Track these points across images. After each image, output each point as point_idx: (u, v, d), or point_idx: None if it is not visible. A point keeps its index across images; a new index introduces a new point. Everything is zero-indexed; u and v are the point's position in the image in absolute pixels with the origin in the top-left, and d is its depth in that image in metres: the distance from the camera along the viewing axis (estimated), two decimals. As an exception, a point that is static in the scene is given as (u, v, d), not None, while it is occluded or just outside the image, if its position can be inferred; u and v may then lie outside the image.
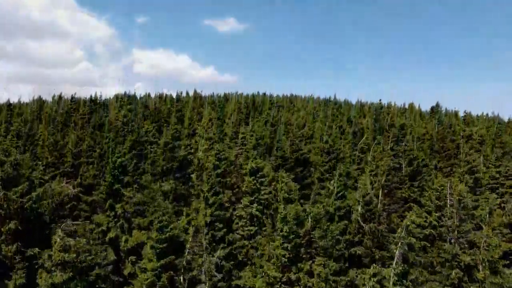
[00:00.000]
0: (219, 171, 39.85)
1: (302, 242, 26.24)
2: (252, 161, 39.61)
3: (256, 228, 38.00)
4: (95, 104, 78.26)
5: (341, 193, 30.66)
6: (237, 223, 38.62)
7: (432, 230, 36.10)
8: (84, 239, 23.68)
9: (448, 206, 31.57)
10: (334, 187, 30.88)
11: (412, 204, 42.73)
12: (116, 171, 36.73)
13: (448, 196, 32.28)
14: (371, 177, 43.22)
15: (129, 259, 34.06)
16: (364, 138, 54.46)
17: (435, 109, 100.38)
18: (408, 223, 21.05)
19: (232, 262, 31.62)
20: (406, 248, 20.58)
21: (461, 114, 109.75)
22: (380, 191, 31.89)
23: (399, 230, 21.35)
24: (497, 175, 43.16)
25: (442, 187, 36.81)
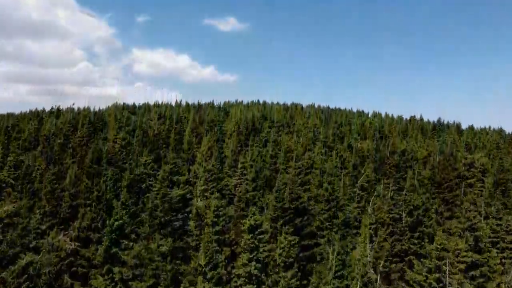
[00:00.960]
0: (217, 228, 39.54)
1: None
2: (251, 217, 39.23)
3: (255, 286, 37.98)
4: (93, 126, 77.52)
5: (339, 272, 30.39)
6: (236, 282, 38.56)
7: (431, 292, 36.10)
8: None
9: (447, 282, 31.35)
10: (332, 265, 30.58)
11: (412, 257, 42.57)
12: (114, 234, 36.48)
13: (447, 271, 32.06)
14: (371, 231, 42.96)
15: (127, 327, 34.19)
16: (363, 176, 53.97)
17: (437, 127, 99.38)
18: None
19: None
20: None
21: (463, 126, 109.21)
22: (379, 276, 31.61)
23: None
24: (498, 228, 42.87)
25: (443, 246, 36.65)
